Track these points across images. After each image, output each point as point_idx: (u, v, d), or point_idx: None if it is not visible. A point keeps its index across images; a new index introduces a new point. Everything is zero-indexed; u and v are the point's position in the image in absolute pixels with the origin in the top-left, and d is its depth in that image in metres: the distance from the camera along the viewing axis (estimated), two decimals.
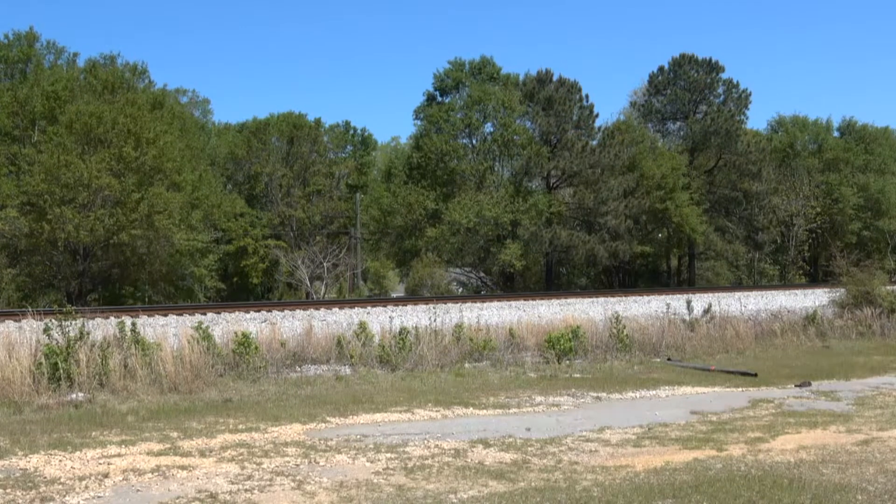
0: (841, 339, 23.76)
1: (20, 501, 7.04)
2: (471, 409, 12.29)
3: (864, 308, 25.88)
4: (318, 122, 50.00)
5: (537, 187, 41.84)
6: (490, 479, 7.85)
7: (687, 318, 24.13)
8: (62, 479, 7.74)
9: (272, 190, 46.32)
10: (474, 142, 41.44)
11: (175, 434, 10.03)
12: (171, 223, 30.78)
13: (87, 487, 7.48)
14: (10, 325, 16.12)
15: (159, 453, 8.94)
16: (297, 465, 8.40)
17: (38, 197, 29.18)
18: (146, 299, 33.35)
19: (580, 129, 41.40)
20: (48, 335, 13.45)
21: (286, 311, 20.94)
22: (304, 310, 21.24)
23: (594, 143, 41.31)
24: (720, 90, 46.05)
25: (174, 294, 35.16)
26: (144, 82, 40.23)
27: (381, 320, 20.45)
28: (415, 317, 20.90)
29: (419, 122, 43.26)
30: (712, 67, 45.78)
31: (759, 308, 28.97)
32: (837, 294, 28.58)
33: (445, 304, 23.14)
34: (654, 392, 14.23)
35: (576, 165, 39.71)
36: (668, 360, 19.13)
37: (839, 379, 16.01)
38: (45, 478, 7.80)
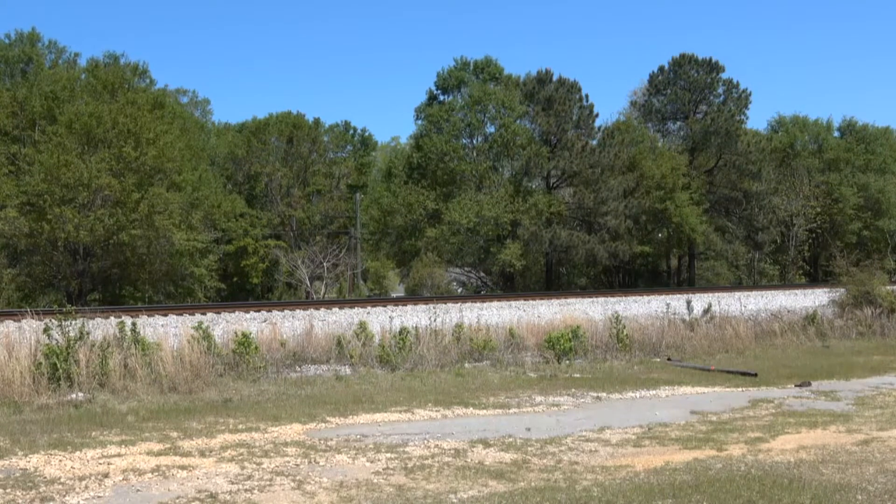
0: (841, 339, 23.76)
1: (20, 501, 7.04)
2: (471, 409, 12.30)
3: (864, 308, 25.88)
4: (317, 121, 50.03)
5: (537, 187, 41.82)
6: (490, 479, 7.85)
7: (687, 318, 24.13)
8: (62, 479, 7.74)
9: (272, 190, 46.33)
10: (475, 142, 41.45)
11: (175, 434, 10.03)
12: (171, 223, 30.76)
13: (87, 487, 7.48)
14: (10, 325, 16.11)
15: (159, 453, 8.94)
16: (297, 465, 8.40)
17: (38, 197, 29.16)
18: (146, 299, 33.34)
19: (580, 129, 41.39)
20: (48, 335, 13.44)
21: (286, 311, 20.93)
22: (304, 310, 21.22)
23: (594, 143, 41.31)
24: (720, 90, 46.02)
25: (174, 294, 35.15)
26: (145, 82, 40.24)
27: (381, 320, 20.44)
28: (415, 317, 20.90)
29: (420, 122, 43.30)
30: (712, 67, 45.77)
31: (759, 308, 28.95)
32: (837, 294, 28.57)
33: (445, 304, 23.12)
34: (654, 392, 14.23)
35: (576, 165, 39.70)
36: (668, 360, 19.13)
37: (839, 379, 16.02)
38: (45, 478, 7.80)
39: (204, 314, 19.31)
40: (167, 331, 17.12)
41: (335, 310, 21.56)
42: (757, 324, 24.43)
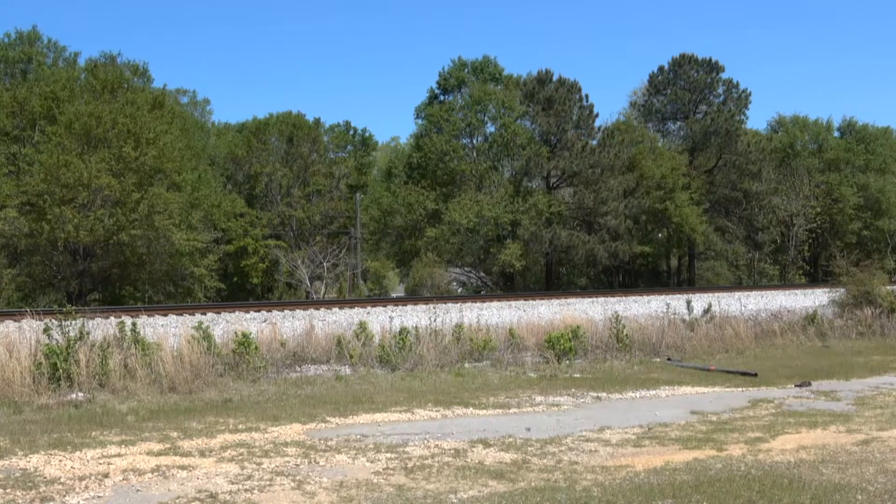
0: (841, 339, 23.75)
1: (20, 501, 7.04)
2: (471, 409, 12.29)
3: (864, 308, 25.87)
4: (317, 121, 50.03)
5: (537, 187, 41.83)
6: (490, 479, 7.85)
7: (687, 318, 24.12)
8: (62, 479, 7.74)
9: (272, 190, 46.30)
10: (475, 142, 41.45)
11: (175, 434, 10.03)
12: (170, 223, 30.76)
13: (87, 487, 7.48)
14: (10, 325, 16.11)
15: (159, 453, 8.93)
16: (297, 465, 8.40)
17: (38, 197, 29.15)
18: (146, 299, 33.32)
19: (580, 129, 41.41)
20: (48, 335, 13.44)
21: (286, 311, 20.93)
22: (304, 310, 21.23)
23: (594, 143, 41.33)
24: (720, 90, 46.07)
25: (174, 294, 35.13)
26: (144, 82, 40.20)
27: (381, 320, 20.44)
28: (415, 317, 20.89)
29: (420, 122, 43.32)
30: (712, 67, 45.79)
31: (759, 308, 28.95)
32: (837, 294, 28.57)
33: (445, 304, 23.12)
34: (654, 392, 14.23)
35: (576, 165, 39.71)
36: (668, 360, 19.13)
37: (839, 379, 16.01)
38: (45, 478, 7.80)
39: (204, 314, 19.31)
40: (167, 331, 17.12)
41: (335, 310, 21.56)
42: (757, 324, 24.42)
